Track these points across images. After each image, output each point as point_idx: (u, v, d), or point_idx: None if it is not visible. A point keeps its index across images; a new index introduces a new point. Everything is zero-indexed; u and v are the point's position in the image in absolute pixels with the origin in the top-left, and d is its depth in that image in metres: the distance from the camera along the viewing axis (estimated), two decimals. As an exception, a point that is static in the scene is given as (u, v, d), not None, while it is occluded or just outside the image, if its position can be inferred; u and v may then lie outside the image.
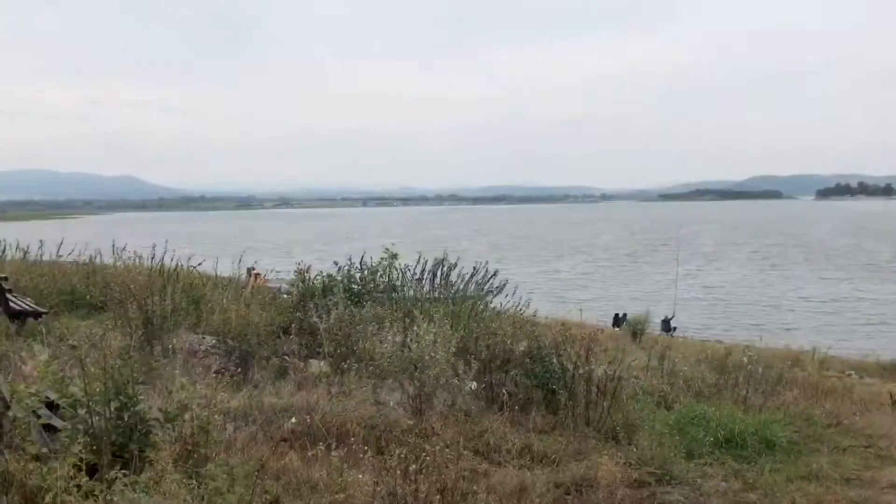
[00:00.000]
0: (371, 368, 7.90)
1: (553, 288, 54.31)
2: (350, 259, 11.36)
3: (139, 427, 4.84)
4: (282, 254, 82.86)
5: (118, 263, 13.87)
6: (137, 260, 13.17)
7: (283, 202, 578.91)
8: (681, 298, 45.70)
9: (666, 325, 30.91)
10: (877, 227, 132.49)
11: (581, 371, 7.88)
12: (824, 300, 45.04)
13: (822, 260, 71.33)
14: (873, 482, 6.87)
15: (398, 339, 7.71)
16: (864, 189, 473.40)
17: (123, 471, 4.25)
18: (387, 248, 12.14)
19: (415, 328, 7.75)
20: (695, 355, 15.03)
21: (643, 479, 6.18)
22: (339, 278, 11.17)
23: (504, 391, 8.08)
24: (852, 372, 22.25)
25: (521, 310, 12.11)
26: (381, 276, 11.52)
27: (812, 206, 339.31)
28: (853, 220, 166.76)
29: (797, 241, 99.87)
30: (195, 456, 4.76)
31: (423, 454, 4.45)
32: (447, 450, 4.77)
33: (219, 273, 13.72)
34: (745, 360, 10.94)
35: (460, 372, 7.67)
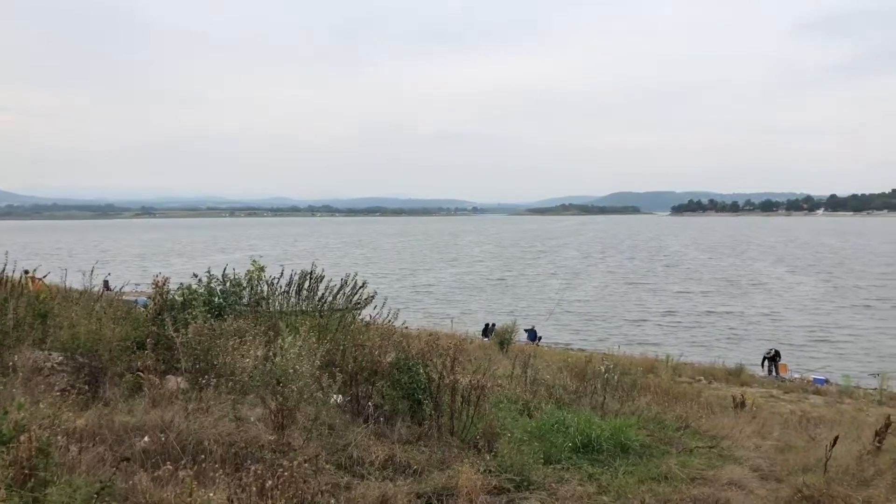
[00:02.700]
0: (231, 384, 7.65)
1: (426, 299, 54.90)
2: (209, 271, 10.97)
3: (-32, 453, 4.47)
4: (140, 265, 79.30)
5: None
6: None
7: (145, 211, 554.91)
8: (548, 310, 47.33)
9: (532, 335, 31.85)
10: (729, 241, 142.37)
11: (447, 381, 7.94)
12: (682, 313, 47.81)
13: (680, 274, 75.79)
14: (715, 480, 7.31)
15: (260, 352, 7.49)
16: (714, 206, 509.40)
17: (-53, 501, 3.91)
18: (254, 260, 11.81)
19: (279, 341, 7.58)
20: (558, 363, 15.54)
21: (502, 485, 6.30)
22: (201, 291, 10.75)
23: (370, 403, 8.03)
24: (702, 378, 23.78)
25: (390, 321, 12.09)
26: (244, 288, 11.18)
27: (667, 221, 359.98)
28: (706, 235, 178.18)
29: (656, 256, 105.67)
30: (33, 480, 4.44)
31: (280, 469, 4.35)
32: (306, 464, 4.68)
33: (69, 286, 12.89)
34: (603, 368, 11.41)
35: (325, 385, 7.56)
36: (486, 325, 33.70)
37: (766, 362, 28.96)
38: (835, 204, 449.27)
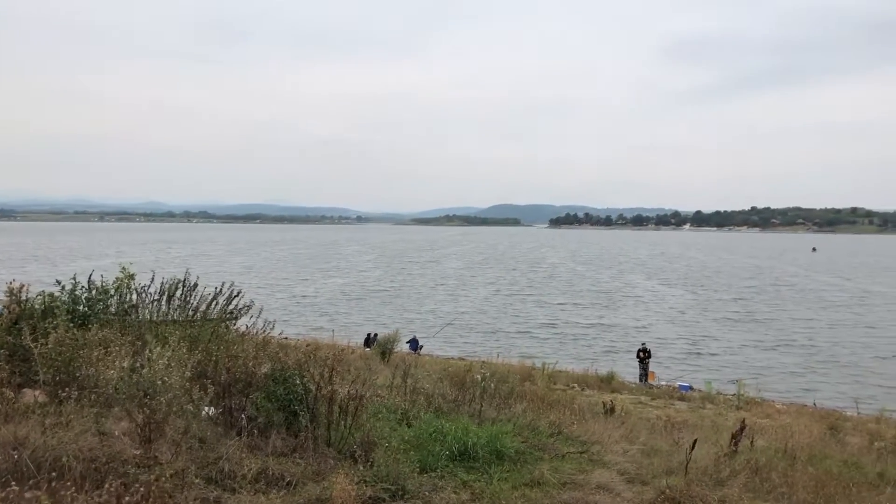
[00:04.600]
0: (95, 396, 7.26)
1: (307, 310, 54.03)
2: (74, 278, 10.38)
3: None
4: (-2, 271, 73.96)
5: None
6: None
7: (4, 214, 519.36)
8: (432, 321, 47.66)
9: (414, 345, 31.99)
10: (604, 254, 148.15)
11: (324, 391, 7.85)
12: (561, 324, 49.17)
13: (559, 286, 78.06)
14: (585, 484, 7.58)
15: (127, 363, 7.14)
16: (589, 219, 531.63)
17: None
18: (124, 267, 11.27)
19: (147, 352, 7.26)
20: (438, 373, 15.64)
21: (377, 495, 6.28)
22: (64, 299, 10.16)
23: (244, 415, 7.82)
24: (575, 385, 24.54)
25: (267, 332, 11.83)
26: (112, 296, 10.65)
27: (546, 233, 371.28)
28: (583, 247, 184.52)
29: (536, 267, 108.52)
30: None
31: (139, 485, 4.16)
32: (170, 479, 4.50)
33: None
34: (479, 376, 11.58)
35: (196, 397, 7.29)
36: (368, 335, 33.56)
37: (639, 354, 31.24)
38: (700, 219, 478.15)
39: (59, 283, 10.33)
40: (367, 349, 28.51)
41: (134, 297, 10.97)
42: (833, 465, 10.03)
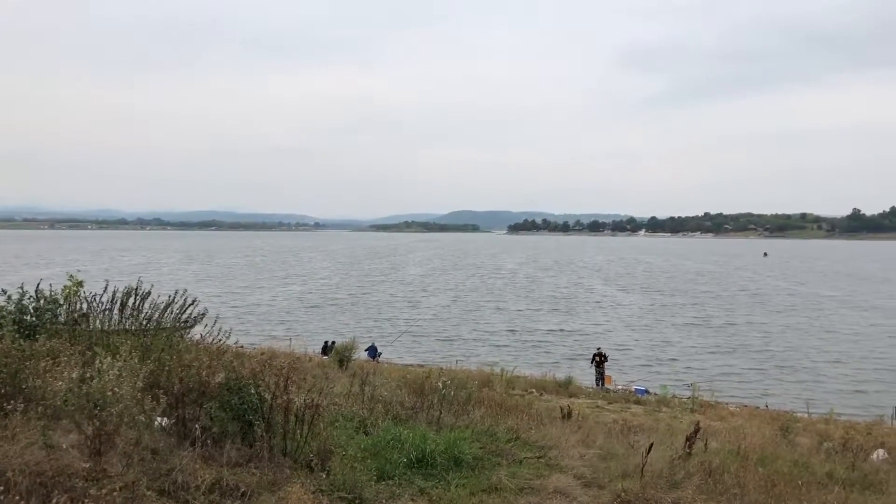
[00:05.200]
0: (42, 408, 7.07)
1: (264, 318, 53.45)
2: (22, 287, 10.13)
3: None
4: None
5: None
6: None
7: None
8: (391, 328, 47.50)
9: (372, 352, 31.88)
10: (563, 260, 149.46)
11: (280, 401, 7.76)
12: (522, 331, 49.41)
13: (519, 292, 78.50)
14: (542, 489, 7.63)
15: (75, 374, 6.98)
16: (547, 225, 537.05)
17: None
18: (72, 276, 11.02)
19: (97, 362, 7.10)
20: (397, 380, 15.59)
21: (334, 504, 6.25)
22: (10, 308, 9.91)
23: (197, 426, 7.69)
24: (534, 390, 24.68)
25: (222, 340, 11.66)
26: (61, 305, 10.41)
27: (505, 239, 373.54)
28: (542, 253, 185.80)
29: (496, 273, 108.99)
30: None
31: (87, 500, 4.06)
32: (119, 492, 4.40)
33: None
34: (440, 383, 11.56)
35: (147, 408, 7.15)
36: (326, 342, 33.36)
37: (595, 358, 31.61)
38: (655, 225, 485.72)
39: (4, 292, 10.07)
40: (325, 357, 28.33)
41: (84, 306, 10.75)
42: (783, 465, 10.23)
